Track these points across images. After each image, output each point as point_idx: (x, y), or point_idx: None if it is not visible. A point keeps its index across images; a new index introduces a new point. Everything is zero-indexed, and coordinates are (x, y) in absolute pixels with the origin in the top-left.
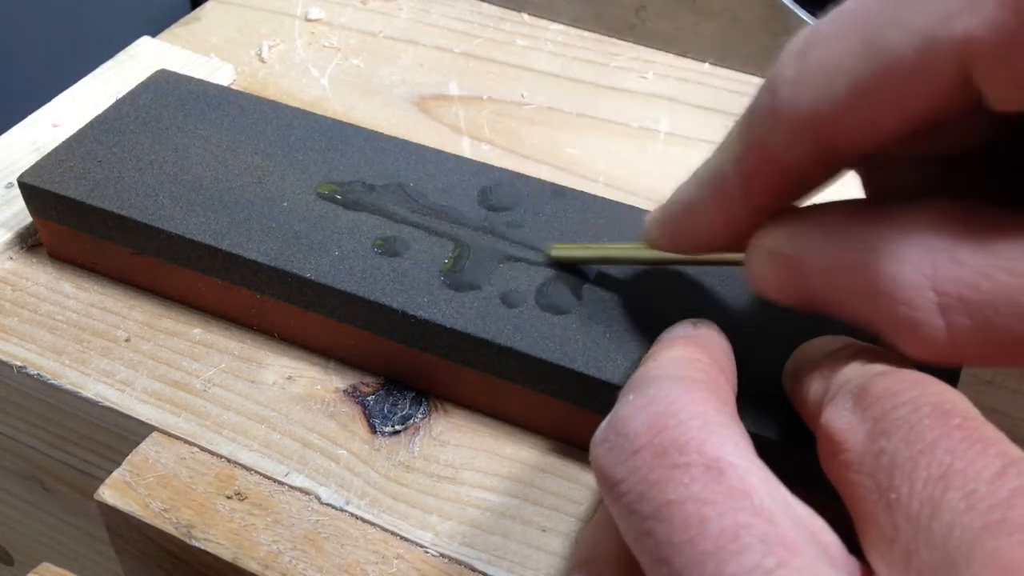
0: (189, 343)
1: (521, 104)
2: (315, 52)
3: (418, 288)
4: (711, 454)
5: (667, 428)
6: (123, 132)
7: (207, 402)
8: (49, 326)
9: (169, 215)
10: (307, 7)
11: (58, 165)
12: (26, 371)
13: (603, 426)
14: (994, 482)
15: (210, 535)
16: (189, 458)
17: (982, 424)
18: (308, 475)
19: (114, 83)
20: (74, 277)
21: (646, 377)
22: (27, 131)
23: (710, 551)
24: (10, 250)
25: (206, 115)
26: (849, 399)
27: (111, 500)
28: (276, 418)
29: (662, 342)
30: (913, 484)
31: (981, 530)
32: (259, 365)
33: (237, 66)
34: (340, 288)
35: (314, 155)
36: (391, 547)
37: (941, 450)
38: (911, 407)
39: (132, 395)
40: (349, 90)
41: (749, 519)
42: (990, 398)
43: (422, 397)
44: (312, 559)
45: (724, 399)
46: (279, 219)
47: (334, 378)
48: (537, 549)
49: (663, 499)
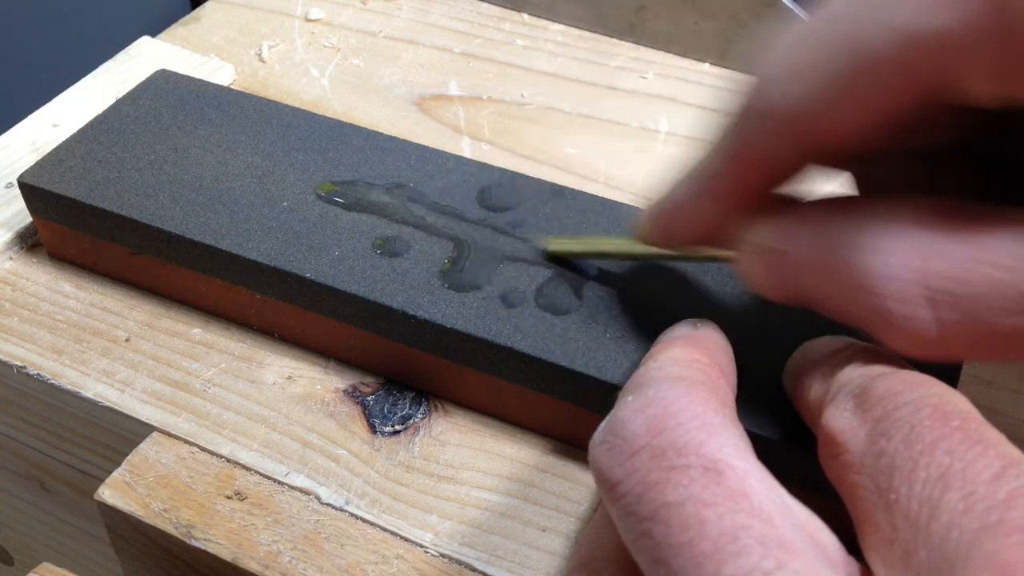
0: (189, 343)
1: (521, 104)
2: (315, 52)
3: (418, 288)
4: (710, 455)
5: (666, 429)
6: (123, 132)
7: (207, 402)
8: (49, 326)
9: (169, 215)
10: (307, 7)
11: (58, 165)
12: (26, 371)
13: (602, 427)
14: (993, 483)
15: (210, 535)
16: (189, 458)
17: (982, 426)
18: (308, 475)
19: (114, 83)
20: (74, 277)
21: (645, 378)
22: (27, 131)
23: (708, 552)
24: (10, 250)
25: (206, 115)
26: (850, 400)
27: (111, 500)
28: (276, 418)
29: (662, 342)
30: (912, 485)
31: (979, 531)
32: (259, 365)
33: (237, 66)
34: (340, 288)
35: (314, 155)
36: (391, 547)
37: (941, 451)
38: (912, 408)
39: (132, 395)
40: (349, 90)
41: (748, 521)
42: (990, 398)
43: (422, 397)
44: (312, 559)
45: (723, 400)
46: (279, 219)
47: (334, 378)
48: (537, 549)
49: (662, 500)
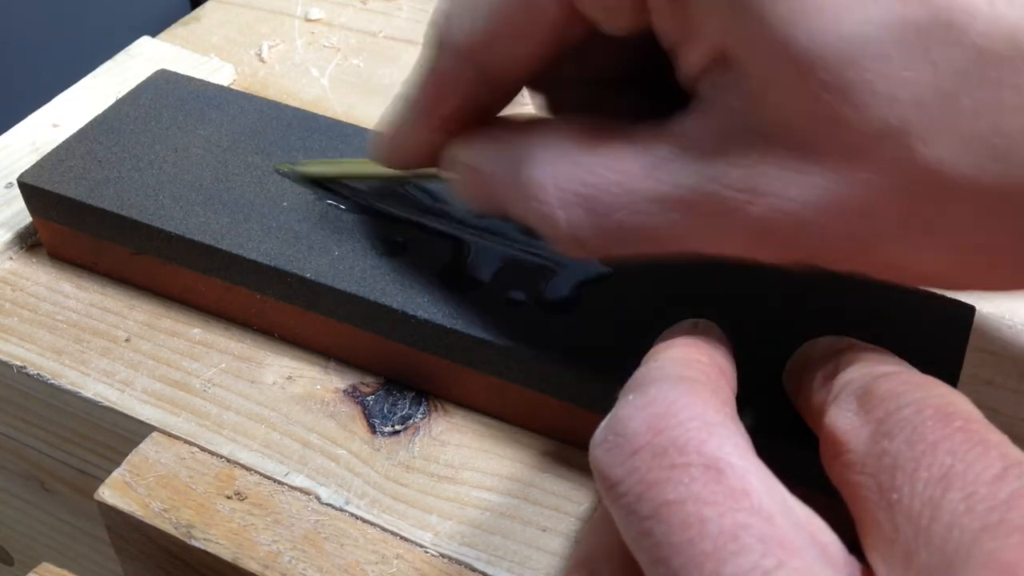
0: (189, 343)
1: (521, 104)
2: (315, 52)
3: (418, 288)
4: (710, 454)
5: (666, 429)
6: (123, 132)
7: (207, 402)
8: (49, 326)
9: (169, 215)
10: (307, 7)
11: (58, 165)
12: (26, 371)
13: (602, 426)
14: (994, 484)
15: (210, 535)
16: (189, 458)
17: (984, 427)
18: (308, 475)
19: (114, 83)
20: (74, 277)
21: (646, 377)
22: (27, 131)
23: (709, 551)
24: (10, 250)
25: (206, 115)
26: (853, 400)
27: (111, 500)
28: (276, 418)
29: (662, 342)
30: (914, 485)
31: (980, 531)
32: (259, 365)
33: (237, 66)
34: (340, 288)
35: (314, 155)
36: (391, 547)
37: (942, 452)
38: (914, 409)
39: (132, 395)
40: (349, 90)
41: (748, 519)
42: (990, 398)
43: (422, 397)
44: (312, 559)
45: (724, 399)
46: (279, 219)
47: (334, 378)
48: (537, 549)
49: (662, 499)
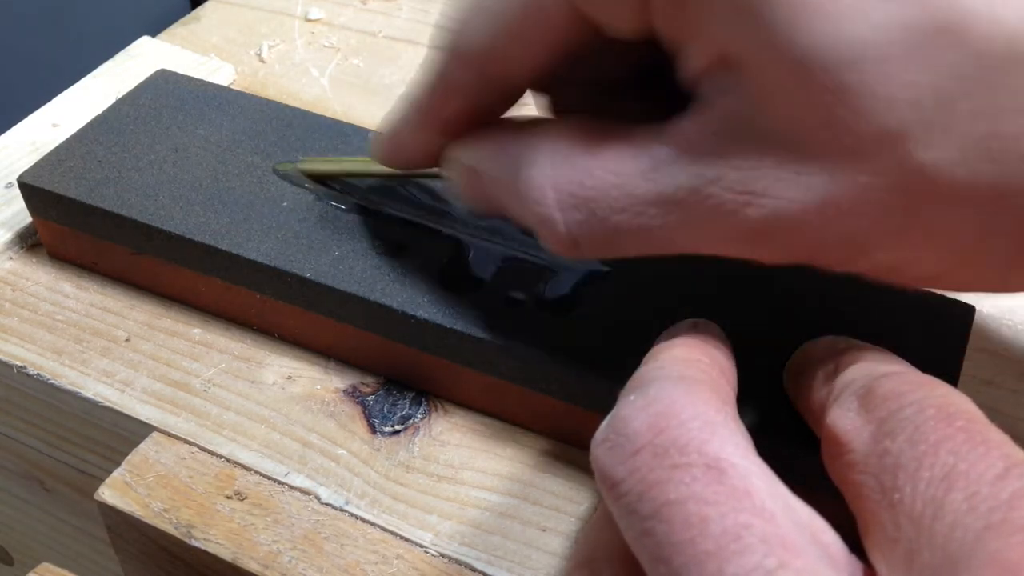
0: (189, 343)
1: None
2: (315, 52)
3: (418, 288)
4: (712, 454)
5: (668, 428)
6: (123, 132)
7: (207, 402)
8: (49, 326)
9: (169, 215)
10: (307, 7)
11: (58, 165)
12: (26, 371)
13: (603, 426)
14: (996, 483)
15: (210, 535)
16: (189, 458)
17: (986, 426)
18: (308, 475)
19: (114, 83)
20: (74, 277)
21: (647, 377)
22: (27, 131)
23: (711, 551)
24: (10, 250)
25: (206, 115)
26: (854, 400)
27: (111, 500)
28: (276, 418)
29: (662, 342)
30: (916, 485)
31: (982, 531)
32: (259, 365)
33: (237, 66)
34: (340, 288)
35: (314, 155)
36: (391, 547)
37: (944, 451)
38: (916, 408)
39: (132, 395)
40: (349, 90)
41: (750, 519)
42: (990, 398)
43: (422, 397)
44: (312, 559)
45: (724, 399)
46: (279, 219)
47: (334, 378)
48: (537, 549)
49: (663, 499)
